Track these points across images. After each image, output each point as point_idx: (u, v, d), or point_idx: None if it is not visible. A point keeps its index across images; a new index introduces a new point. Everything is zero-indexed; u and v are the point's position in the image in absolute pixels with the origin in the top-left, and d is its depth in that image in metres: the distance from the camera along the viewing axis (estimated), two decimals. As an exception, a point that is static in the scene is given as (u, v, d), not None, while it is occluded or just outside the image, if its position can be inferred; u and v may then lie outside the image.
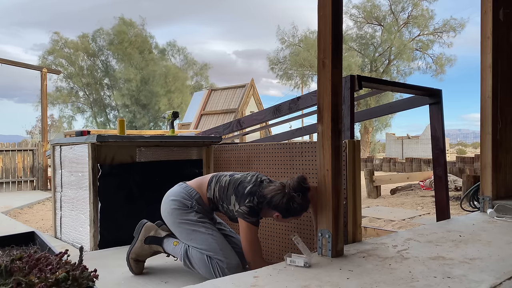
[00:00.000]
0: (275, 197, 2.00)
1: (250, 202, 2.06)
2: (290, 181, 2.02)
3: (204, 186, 2.27)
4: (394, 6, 24.12)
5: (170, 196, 2.27)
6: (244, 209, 2.06)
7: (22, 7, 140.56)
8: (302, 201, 1.99)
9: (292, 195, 1.97)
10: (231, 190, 2.16)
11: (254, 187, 2.11)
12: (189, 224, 2.16)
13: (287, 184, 2.02)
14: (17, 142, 10.44)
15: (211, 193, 2.23)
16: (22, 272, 1.23)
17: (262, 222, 2.78)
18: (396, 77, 24.68)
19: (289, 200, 1.98)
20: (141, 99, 24.73)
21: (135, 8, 79.18)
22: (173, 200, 2.23)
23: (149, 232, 2.29)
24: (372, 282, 1.52)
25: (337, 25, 1.86)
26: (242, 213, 2.07)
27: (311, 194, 2.06)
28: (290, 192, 1.98)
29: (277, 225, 2.71)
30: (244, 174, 2.26)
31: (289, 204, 1.98)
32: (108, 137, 3.09)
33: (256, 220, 2.08)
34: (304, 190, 1.99)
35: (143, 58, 24.95)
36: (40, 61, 23.70)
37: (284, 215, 2.03)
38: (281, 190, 2.01)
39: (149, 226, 2.31)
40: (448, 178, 3.51)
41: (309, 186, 2.03)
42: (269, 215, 2.12)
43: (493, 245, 2.04)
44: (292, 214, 2.03)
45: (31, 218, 5.89)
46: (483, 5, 2.99)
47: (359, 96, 4.92)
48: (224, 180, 2.23)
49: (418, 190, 8.22)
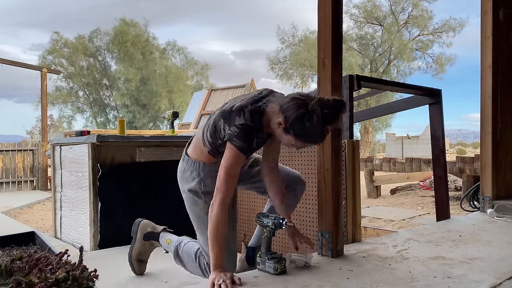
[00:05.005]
0: (289, 102, 1.55)
1: (242, 119, 1.58)
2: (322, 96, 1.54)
3: (201, 146, 1.82)
4: (394, 6, 24.14)
5: (180, 182, 2.00)
6: (234, 130, 1.58)
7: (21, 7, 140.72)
8: (321, 125, 1.51)
9: (315, 108, 1.49)
10: (217, 119, 1.69)
11: (247, 101, 1.64)
12: (195, 215, 1.94)
13: (315, 96, 1.54)
14: (17, 142, 10.43)
15: (208, 144, 1.77)
16: (22, 272, 1.23)
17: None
18: (396, 77, 24.69)
19: (307, 113, 1.51)
20: (141, 99, 24.72)
21: (133, 8, 79.25)
22: (184, 192, 1.99)
23: (146, 229, 2.26)
24: (372, 282, 1.52)
25: (337, 25, 1.86)
26: (230, 135, 1.59)
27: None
28: (315, 104, 1.50)
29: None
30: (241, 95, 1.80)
31: (304, 117, 1.51)
32: (108, 137, 3.09)
33: (247, 146, 1.58)
34: (335, 111, 1.52)
35: (143, 58, 24.95)
36: (40, 61, 23.71)
37: (289, 126, 1.54)
38: (302, 99, 1.54)
39: (145, 223, 2.28)
40: (448, 178, 3.51)
41: (342, 112, 1.54)
42: (271, 130, 1.64)
43: (493, 245, 2.04)
44: (301, 132, 1.54)
45: (31, 218, 5.89)
46: (483, 5, 2.99)
47: (359, 96, 4.92)
48: (209, 120, 1.77)
49: (418, 190, 8.22)
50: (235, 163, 1.60)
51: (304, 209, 2.55)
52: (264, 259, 1.66)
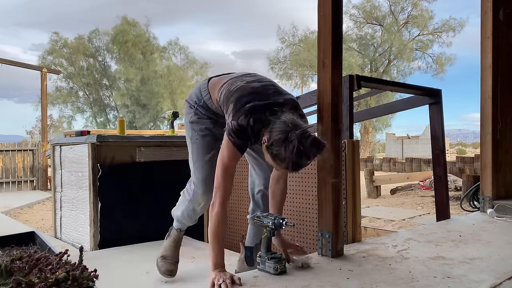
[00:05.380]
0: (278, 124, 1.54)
1: (245, 122, 1.60)
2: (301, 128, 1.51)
3: (218, 85, 1.85)
4: (394, 6, 24.13)
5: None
6: (234, 125, 1.61)
7: (21, 8, 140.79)
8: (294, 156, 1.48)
9: (292, 140, 1.48)
10: (233, 98, 1.71)
11: (263, 108, 1.62)
12: (187, 127, 2.01)
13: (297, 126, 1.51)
14: (17, 142, 10.43)
15: (219, 94, 1.81)
16: (22, 272, 1.23)
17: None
18: (396, 77, 24.68)
19: (285, 139, 1.49)
20: (141, 99, 24.71)
21: (134, 8, 79.39)
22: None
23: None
24: (372, 282, 1.52)
25: (337, 25, 1.86)
26: (229, 128, 1.64)
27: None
28: (295, 136, 1.48)
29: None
30: (269, 85, 1.77)
31: (282, 143, 1.50)
32: (108, 137, 3.09)
33: (241, 144, 1.63)
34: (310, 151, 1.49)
35: (144, 58, 24.93)
36: (40, 61, 23.70)
37: (270, 144, 1.53)
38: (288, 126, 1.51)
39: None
40: (448, 178, 3.51)
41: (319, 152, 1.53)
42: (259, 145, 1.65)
43: (493, 245, 2.04)
44: (277, 155, 1.52)
45: (31, 218, 5.89)
46: (483, 5, 2.99)
47: (359, 96, 4.92)
48: (237, 85, 1.76)
49: (418, 190, 8.22)
50: (231, 159, 1.64)
51: (304, 209, 2.55)
52: (264, 259, 1.66)
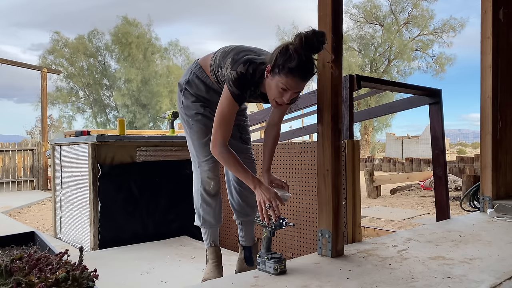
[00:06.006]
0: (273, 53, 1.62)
1: (243, 69, 1.67)
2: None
3: (210, 56, 1.93)
4: (394, 6, 24.13)
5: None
6: (233, 75, 1.68)
7: (20, 8, 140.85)
8: (304, 51, 1.54)
9: (296, 36, 1.55)
10: (231, 54, 1.78)
11: (257, 59, 1.71)
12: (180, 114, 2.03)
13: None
14: (17, 142, 10.43)
15: (213, 59, 1.87)
16: (22, 272, 1.23)
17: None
18: (396, 77, 24.68)
19: (289, 44, 1.56)
20: (142, 99, 24.70)
21: (134, 8, 79.38)
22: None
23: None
24: (372, 282, 1.52)
25: (337, 25, 1.86)
26: (228, 78, 1.70)
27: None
28: (296, 36, 1.56)
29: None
30: (262, 49, 1.84)
31: (287, 47, 1.56)
32: (108, 137, 3.09)
33: (239, 94, 1.69)
34: (316, 36, 1.54)
35: (144, 58, 24.92)
36: (40, 61, 23.69)
37: (274, 63, 1.59)
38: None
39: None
40: (448, 178, 3.51)
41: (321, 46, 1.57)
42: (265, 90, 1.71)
43: (493, 245, 2.04)
44: (285, 63, 1.55)
45: (31, 218, 5.89)
46: (483, 5, 2.99)
47: (359, 96, 4.92)
48: (232, 47, 1.85)
49: (418, 190, 8.22)
50: (229, 109, 1.71)
51: (304, 209, 2.55)
52: (264, 259, 1.66)
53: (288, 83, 1.59)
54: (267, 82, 1.67)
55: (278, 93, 1.63)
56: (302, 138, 10.85)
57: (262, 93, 1.78)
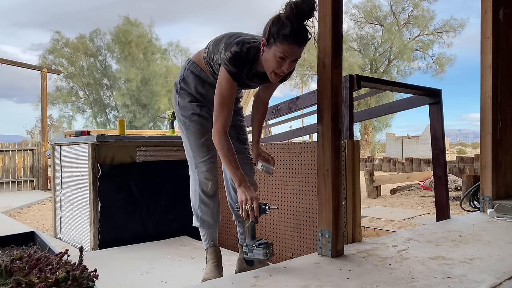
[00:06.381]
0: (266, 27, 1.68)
1: (237, 48, 1.71)
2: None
3: (203, 49, 1.97)
4: (395, 6, 24.13)
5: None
6: (228, 55, 1.71)
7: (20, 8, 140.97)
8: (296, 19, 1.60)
9: (286, 4, 1.61)
10: (223, 40, 1.82)
11: (249, 39, 1.77)
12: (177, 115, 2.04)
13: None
14: (17, 142, 10.43)
15: (206, 50, 1.91)
16: (22, 272, 1.23)
17: (261, 222, 2.78)
18: (396, 77, 24.68)
19: (281, 13, 1.62)
20: (142, 99, 24.71)
21: (134, 8, 79.44)
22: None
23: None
24: (372, 282, 1.52)
25: (337, 25, 1.86)
26: (224, 59, 1.73)
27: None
28: (287, 5, 1.62)
29: (275, 224, 2.71)
30: (253, 34, 1.87)
31: (279, 16, 1.62)
32: (108, 137, 3.09)
33: (236, 72, 1.71)
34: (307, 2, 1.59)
35: (145, 58, 24.92)
36: (40, 61, 23.69)
37: (269, 34, 1.64)
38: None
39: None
40: (448, 178, 3.51)
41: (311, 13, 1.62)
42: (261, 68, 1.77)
43: (493, 245, 2.04)
44: (279, 31, 1.61)
45: (31, 218, 5.89)
46: (483, 5, 2.99)
47: (359, 96, 4.92)
48: (221, 34, 1.90)
49: (418, 190, 8.22)
50: (228, 88, 1.72)
51: (304, 209, 2.55)
52: (252, 247, 1.65)
53: (285, 50, 1.62)
54: (263, 57, 1.71)
55: (276, 62, 1.66)
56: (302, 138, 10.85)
57: (259, 72, 1.81)
